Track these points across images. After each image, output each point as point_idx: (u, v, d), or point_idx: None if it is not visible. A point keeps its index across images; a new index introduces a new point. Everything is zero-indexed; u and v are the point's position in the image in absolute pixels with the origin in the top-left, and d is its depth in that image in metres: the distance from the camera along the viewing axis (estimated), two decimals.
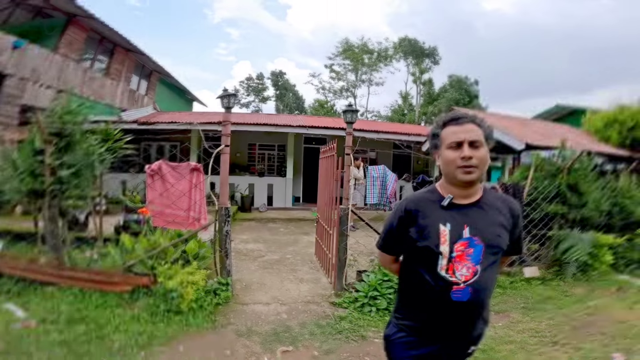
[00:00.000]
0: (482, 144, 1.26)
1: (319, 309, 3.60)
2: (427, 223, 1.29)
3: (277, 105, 34.69)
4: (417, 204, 1.34)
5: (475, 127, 1.27)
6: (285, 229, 8.09)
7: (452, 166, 1.26)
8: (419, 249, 1.30)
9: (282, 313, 3.49)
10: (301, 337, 3.04)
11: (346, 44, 31.98)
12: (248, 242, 6.47)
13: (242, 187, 10.51)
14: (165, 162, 3.62)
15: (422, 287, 1.31)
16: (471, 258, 1.25)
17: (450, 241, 1.26)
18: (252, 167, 11.99)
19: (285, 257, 5.52)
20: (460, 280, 1.25)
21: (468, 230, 1.26)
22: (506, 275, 4.68)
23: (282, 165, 11.76)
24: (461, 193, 1.30)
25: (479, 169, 1.25)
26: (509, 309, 3.75)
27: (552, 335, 3.14)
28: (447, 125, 1.30)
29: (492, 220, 1.29)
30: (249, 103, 36.26)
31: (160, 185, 3.56)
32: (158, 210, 3.52)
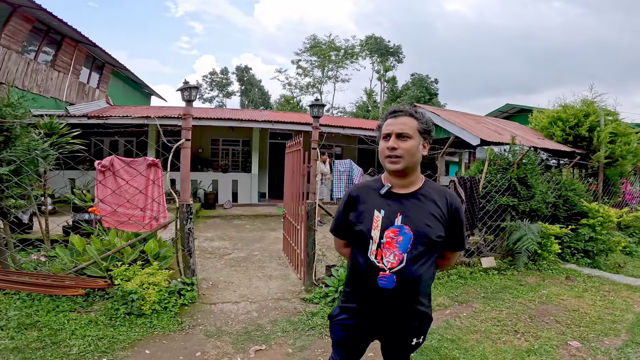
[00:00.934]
0: (410, 136, 1.33)
1: (290, 306, 3.58)
2: (364, 208, 1.38)
3: (242, 101, 33.96)
4: (360, 190, 1.44)
5: (409, 120, 1.35)
6: (252, 225, 7.96)
7: (381, 156, 1.37)
8: (355, 233, 1.38)
9: (252, 311, 3.43)
10: (273, 335, 3.00)
11: (314, 41, 31.92)
12: (213, 240, 6.29)
13: (205, 183, 10.18)
14: (117, 158, 3.35)
15: (357, 270, 1.38)
16: (399, 246, 1.29)
17: (382, 227, 1.32)
18: (216, 163, 11.63)
19: (253, 254, 5.42)
20: (387, 266, 1.29)
21: (400, 218, 1.32)
22: (466, 266, 4.90)
23: (247, 161, 11.53)
24: (399, 183, 1.37)
25: (404, 159, 1.31)
26: (471, 299, 3.92)
27: (512, 324, 3.29)
28: (387, 118, 1.39)
29: (425, 210, 1.33)
30: (212, 98, 35.21)
31: (112, 182, 3.30)
32: (109, 209, 3.26)
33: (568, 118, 8.03)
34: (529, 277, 4.75)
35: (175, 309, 3.27)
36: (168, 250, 3.65)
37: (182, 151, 3.33)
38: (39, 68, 10.01)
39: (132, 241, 3.35)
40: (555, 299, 3.94)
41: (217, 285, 4.01)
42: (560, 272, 5.02)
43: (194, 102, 3.42)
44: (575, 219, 6.09)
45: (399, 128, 1.32)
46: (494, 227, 5.40)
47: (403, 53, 31.50)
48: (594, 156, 7.79)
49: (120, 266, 3.21)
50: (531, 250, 5.08)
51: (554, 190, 6.09)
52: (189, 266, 3.42)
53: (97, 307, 3.22)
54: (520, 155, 5.47)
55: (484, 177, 5.28)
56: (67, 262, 3.43)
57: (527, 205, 5.43)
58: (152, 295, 3.11)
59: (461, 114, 8.08)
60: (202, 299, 3.57)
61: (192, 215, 3.33)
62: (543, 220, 5.77)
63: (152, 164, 3.36)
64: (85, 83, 12.34)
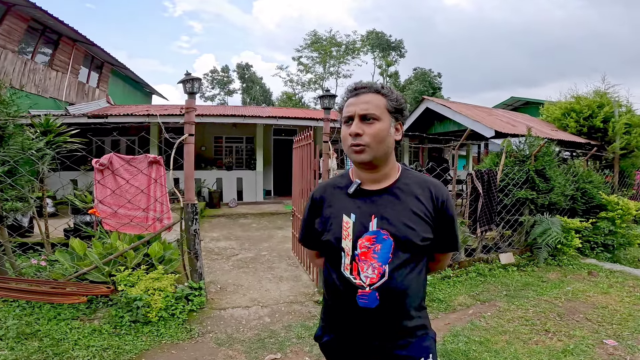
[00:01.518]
0: (377, 117, 1.06)
1: (304, 309, 3.37)
2: (330, 213, 1.12)
3: (244, 98, 33.75)
4: (323, 190, 1.19)
5: (375, 97, 1.08)
6: (258, 224, 7.76)
7: (344, 145, 1.10)
8: (323, 244, 1.13)
9: (265, 316, 3.23)
10: (288, 342, 2.80)
11: (314, 37, 31.61)
12: (219, 240, 6.09)
13: (209, 182, 9.98)
14: (117, 155, 3.12)
15: (332, 288, 1.13)
16: (378, 256, 1.04)
17: (354, 235, 1.06)
18: (219, 160, 11.44)
19: (261, 254, 5.22)
20: (365, 282, 1.04)
21: (375, 221, 1.06)
22: (484, 263, 4.71)
23: (251, 158, 11.32)
24: (370, 177, 1.11)
25: (370, 147, 1.05)
26: (494, 298, 3.75)
27: (542, 323, 3.13)
28: (347, 98, 1.12)
29: (404, 208, 1.07)
30: (214, 96, 34.99)
31: (111, 181, 3.08)
32: (109, 211, 3.05)
33: (582, 109, 7.83)
34: (549, 273, 4.57)
35: (183, 315, 3.08)
36: (173, 252, 3.44)
37: (186, 147, 3.11)
38: (36, 68, 9.83)
39: (135, 244, 3.14)
40: (582, 296, 3.77)
41: (225, 289, 3.81)
42: (581, 267, 4.85)
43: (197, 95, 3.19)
44: (594, 212, 5.89)
45: (363, 108, 1.06)
46: (512, 222, 5.19)
47: (405, 47, 31.16)
48: (609, 147, 7.58)
49: (123, 271, 3.01)
50: (552, 245, 4.88)
51: (572, 182, 5.86)
52: (196, 270, 3.22)
53: (100, 314, 3.05)
54: (538, 146, 5.24)
55: (501, 170, 5.06)
56: (68, 267, 3.24)
57: (546, 198, 5.22)
58: (158, 302, 2.92)
59: (472, 106, 7.85)
60: (211, 304, 3.37)
61: (198, 216, 3.11)
62: (561, 213, 5.56)
63: (153, 161, 3.13)
64: (84, 82, 12.17)
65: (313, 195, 1.21)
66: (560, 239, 4.84)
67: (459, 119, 6.32)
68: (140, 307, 2.87)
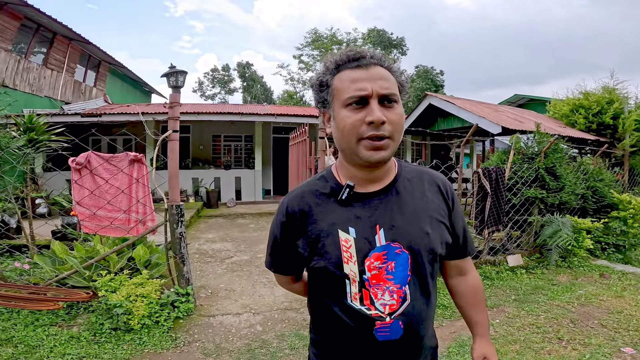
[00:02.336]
0: (398, 99, 0.81)
1: (299, 317, 3.15)
2: (319, 231, 0.84)
3: (245, 97, 33.61)
4: (302, 200, 0.88)
5: (386, 72, 0.81)
6: (256, 224, 7.54)
7: (352, 137, 0.79)
8: (315, 271, 0.87)
9: (256, 324, 3.01)
10: (280, 352, 2.58)
11: (315, 35, 31.41)
12: (214, 242, 5.88)
13: (207, 181, 9.78)
14: (94, 153, 2.90)
15: (333, 325, 0.87)
16: (394, 277, 0.82)
17: (359, 255, 0.81)
18: (218, 159, 11.24)
19: (257, 257, 5.00)
20: (384, 312, 0.82)
21: (383, 233, 0.82)
22: (491, 265, 4.49)
23: (250, 157, 11.12)
24: (367, 176, 0.85)
25: (393, 141, 0.79)
26: (502, 303, 3.53)
27: (554, 330, 2.92)
28: (343, 69, 0.82)
29: (415, 209, 0.86)
30: (214, 95, 34.87)
31: (90, 181, 2.86)
32: (87, 213, 2.83)
33: (591, 105, 7.59)
34: (560, 276, 4.35)
35: (169, 323, 2.87)
36: (160, 256, 3.22)
37: (170, 144, 2.88)
38: (30, 66, 9.68)
39: (117, 248, 2.92)
40: (595, 300, 3.56)
41: (217, 294, 3.60)
42: (592, 269, 4.63)
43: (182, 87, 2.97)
44: (605, 211, 5.68)
45: (383, 87, 0.78)
46: (520, 222, 4.95)
47: (407, 45, 30.88)
48: (619, 144, 7.33)
49: (105, 275, 2.80)
50: (563, 247, 4.65)
51: (583, 181, 5.62)
52: (183, 275, 3.00)
53: (80, 320, 2.88)
54: (548, 143, 5.00)
55: (509, 167, 4.82)
56: (49, 272, 3.03)
57: (556, 197, 4.98)
58: (141, 309, 2.71)
59: (476, 103, 7.61)
60: (199, 311, 3.16)
61: (183, 218, 2.88)
62: (571, 213, 5.33)
63: (134, 159, 2.90)
64: (81, 81, 12.03)
65: (287, 208, 0.88)
66: (571, 240, 4.61)
67: (463, 115, 6.08)
68: (121, 314, 2.67)
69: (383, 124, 0.76)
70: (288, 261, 0.93)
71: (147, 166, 2.97)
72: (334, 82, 0.82)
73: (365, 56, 0.81)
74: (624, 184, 7.01)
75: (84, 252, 3.04)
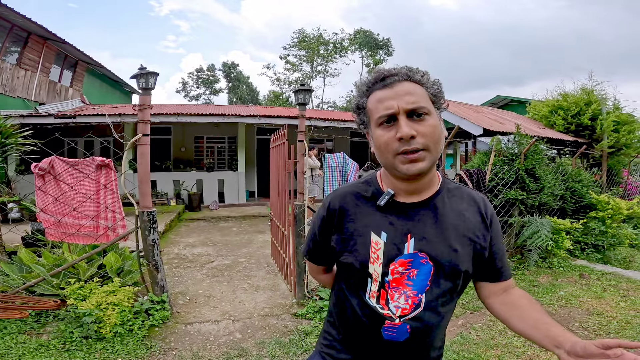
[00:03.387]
0: (429, 111, 0.82)
1: (280, 324, 3.06)
2: (354, 230, 0.91)
3: (230, 98, 33.20)
4: (344, 200, 0.95)
5: (413, 86, 0.84)
6: (239, 228, 7.40)
7: (388, 153, 0.83)
8: (343, 266, 0.94)
9: (236, 332, 2.91)
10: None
11: (302, 35, 31.31)
12: (195, 246, 5.72)
13: (189, 183, 9.57)
14: (58, 158, 2.74)
15: (347, 315, 0.94)
16: (414, 284, 0.86)
17: (385, 259, 0.86)
18: (200, 161, 11.03)
19: (238, 261, 4.89)
20: (395, 314, 0.87)
21: (413, 242, 0.86)
22: None
23: (233, 159, 10.95)
24: (407, 187, 0.89)
25: (430, 152, 0.81)
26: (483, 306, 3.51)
27: None
28: (373, 90, 0.87)
29: (450, 227, 0.88)
30: (199, 95, 34.31)
31: (54, 188, 2.69)
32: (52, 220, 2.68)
33: (569, 107, 7.72)
34: (540, 277, 4.38)
35: (143, 331, 2.75)
36: (133, 263, 3.08)
37: (139, 148, 2.73)
38: (3, 67, 9.30)
39: (86, 255, 2.76)
40: (575, 301, 3.58)
41: (195, 301, 3.48)
42: (572, 269, 4.68)
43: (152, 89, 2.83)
44: (584, 211, 5.75)
45: (409, 101, 0.81)
46: (501, 224, 4.99)
47: (393, 46, 31.14)
48: (597, 145, 7.49)
49: (73, 283, 2.66)
50: (542, 247, 4.70)
51: (562, 182, 5.71)
52: (157, 282, 2.87)
53: (50, 328, 2.75)
54: (528, 145, 5.06)
55: (490, 169, 4.85)
56: (16, 279, 2.87)
57: (536, 199, 5.04)
58: (113, 317, 2.59)
59: (459, 104, 7.67)
60: (176, 318, 3.04)
61: (156, 224, 2.75)
62: (550, 214, 5.40)
63: (102, 164, 2.76)
64: (56, 82, 11.62)
65: (330, 205, 0.96)
66: (549, 241, 4.66)
67: (445, 116, 6.12)
68: (90, 323, 2.54)
69: (413, 138, 0.79)
70: (322, 252, 1.01)
71: (115, 171, 2.82)
72: (367, 104, 0.88)
73: (388, 75, 0.85)
74: (602, 185, 7.16)
75: (52, 259, 2.88)
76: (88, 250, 2.99)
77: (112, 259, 2.94)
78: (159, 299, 2.90)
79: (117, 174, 2.83)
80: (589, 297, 3.69)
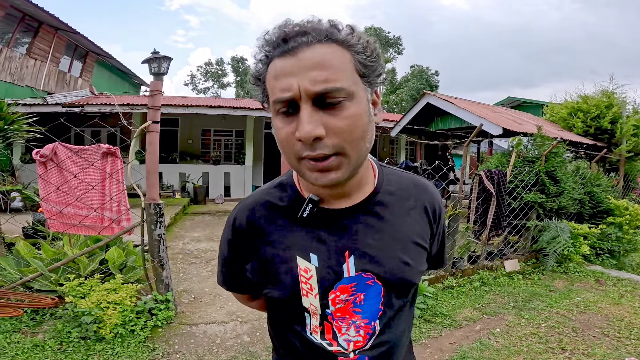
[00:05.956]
0: (349, 93, 0.55)
1: None
2: (272, 256, 0.67)
3: (238, 92, 33.16)
4: (252, 214, 0.70)
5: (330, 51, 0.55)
6: None
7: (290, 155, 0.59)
8: (270, 300, 0.74)
9: (244, 334, 2.76)
10: None
11: None
12: (200, 241, 5.59)
13: (194, 176, 9.45)
14: (62, 145, 2.58)
15: (293, 351, 0.73)
16: (362, 310, 0.67)
17: (321, 288, 0.65)
18: (207, 154, 10.91)
19: None
20: (347, 349, 0.68)
21: (352, 261, 0.65)
22: (488, 271, 4.36)
23: (240, 152, 10.81)
24: (335, 191, 0.65)
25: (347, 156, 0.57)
26: (501, 310, 3.41)
27: (557, 340, 2.82)
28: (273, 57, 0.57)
29: (394, 233, 0.68)
30: (207, 89, 34.35)
31: (56, 176, 2.53)
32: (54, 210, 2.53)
33: (589, 109, 7.52)
34: (556, 282, 4.28)
35: (145, 332, 2.62)
36: (137, 259, 2.93)
37: (148, 136, 2.57)
38: (12, 55, 9.26)
39: (87, 249, 2.61)
40: (594, 307, 3.49)
41: (200, 299, 3.33)
42: (587, 274, 4.58)
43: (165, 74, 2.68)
44: (600, 216, 5.62)
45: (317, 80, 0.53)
46: (518, 227, 4.81)
47: (403, 45, 30.82)
48: (616, 150, 7.27)
49: (73, 279, 2.52)
50: (561, 252, 4.56)
51: (581, 185, 5.55)
52: (162, 280, 2.73)
53: (47, 327, 2.62)
54: (550, 146, 4.87)
55: (510, 170, 4.67)
56: (12, 274, 2.74)
57: (555, 202, 4.87)
58: (114, 317, 2.45)
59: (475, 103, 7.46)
60: (180, 319, 2.90)
61: (163, 218, 2.59)
62: (567, 218, 5.26)
63: (108, 152, 2.59)
64: (65, 72, 11.59)
65: (235, 222, 0.71)
66: (569, 246, 4.53)
67: (462, 115, 5.91)
68: (90, 322, 2.41)
69: (318, 139, 0.54)
70: (240, 280, 0.75)
71: (121, 160, 2.66)
72: (266, 76, 0.59)
73: (297, 34, 0.55)
74: (618, 190, 6.97)
75: (51, 253, 2.74)
76: (90, 243, 2.85)
77: (115, 254, 2.79)
78: (163, 298, 2.76)
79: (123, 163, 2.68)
80: (607, 303, 3.60)
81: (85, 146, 2.62)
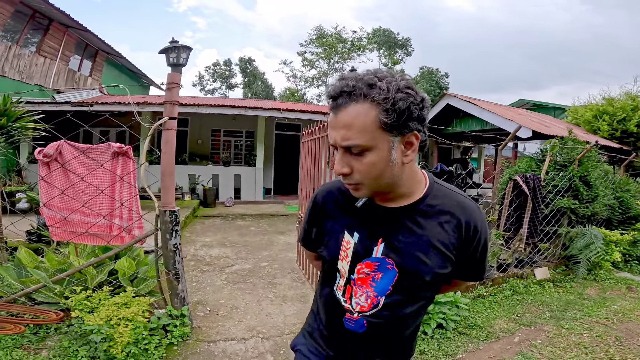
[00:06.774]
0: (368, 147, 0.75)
1: None
2: (331, 227, 0.95)
3: (245, 93, 33.13)
4: (326, 196, 0.98)
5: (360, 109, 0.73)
6: (257, 227, 7.03)
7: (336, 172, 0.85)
8: (320, 257, 1.01)
9: (266, 353, 2.52)
10: None
11: (320, 32, 30.99)
12: (212, 246, 5.35)
13: (204, 178, 9.24)
14: (68, 143, 2.32)
15: (321, 300, 1.02)
16: (376, 286, 0.89)
17: (352, 259, 0.90)
18: (216, 155, 10.71)
19: (260, 266, 4.49)
20: (355, 309, 0.92)
21: (382, 247, 0.87)
22: (518, 279, 4.14)
23: (250, 154, 10.59)
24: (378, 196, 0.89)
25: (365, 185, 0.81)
26: (538, 321, 3.21)
27: (602, 350, 2.69)
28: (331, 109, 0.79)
29: (423, 237, 0.86)
30: (214, 90, 34.34)
31: (60, 178, 2.27)
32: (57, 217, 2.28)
33: (615, 112, 7.20)
34: (588, 289, 4.12)
35: (160, 351, 2.38)
36: (149, 269, 2.67)
37: (164, 134, 2.32)
38: (21, 53, 9.15)
39: (95, 260, 2.35)
40: (632, 316, 3.37)
41: (217, 312, 3.09)
42: (617, 281, 4.44)
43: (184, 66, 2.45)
44: (629, 222, 5.42)
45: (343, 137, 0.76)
46: (550, 234, 4.54)
47: (412, 46, 30.49)
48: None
49: (79, 292, 2.29)
50: (594, 260, 4.33)
51: (611, 191, 5.27)
52: (177, 294, 2.48)
53: (51, 342, 2.38)
54: (583, 150, 4.60)
55: (543, 175, 4.40)
56: (13, 284, 2.52)
57: (588, 208, 4.60)
58: (125, 335, 2.21)
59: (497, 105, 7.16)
60: (197, 335, 2.66)
61: (179, 226, 2.33)
62: (597, 224, 5.00)
63: (119, 152, 2.32)
64: (75, 70, 11.49)
65: (316, 198, 1.01)
66: (603, 254, 4.30)
67: (487, 117, 5.62)
68: (99, 342, 2.18)
69: (346, 175, 0.80)
70: (310, 240, 1.05)
71: (134, 161, 2.41)
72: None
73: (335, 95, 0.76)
74: None
75: (56, 263, 2.50)
76: (98, 253, 2.60)
77: (126, 265, 2.53)
78: (178, 313, 2.51)
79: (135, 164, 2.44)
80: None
81: (93, 145, 2.35)
